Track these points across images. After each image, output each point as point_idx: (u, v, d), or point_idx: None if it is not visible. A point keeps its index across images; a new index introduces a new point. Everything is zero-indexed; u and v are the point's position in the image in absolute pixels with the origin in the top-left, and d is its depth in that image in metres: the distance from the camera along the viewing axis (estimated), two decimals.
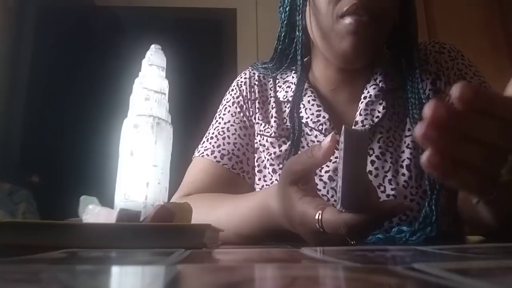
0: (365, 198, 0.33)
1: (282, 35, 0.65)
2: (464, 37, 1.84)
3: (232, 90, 0.71)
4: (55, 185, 1.84)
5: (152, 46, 0.48)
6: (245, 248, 0.38)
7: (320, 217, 0.35)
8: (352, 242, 0.36)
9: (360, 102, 0.61)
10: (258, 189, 0.65)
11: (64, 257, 0.25)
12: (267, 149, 0.64)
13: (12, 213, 1.48)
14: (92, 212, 0.39)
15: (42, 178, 1.92)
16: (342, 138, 0.34)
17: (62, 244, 0.31)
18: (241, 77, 0.72)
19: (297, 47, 0.60)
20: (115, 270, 0.20)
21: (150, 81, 0.46)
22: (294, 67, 0.66)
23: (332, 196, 0.57)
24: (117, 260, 0.25)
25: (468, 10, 1.98)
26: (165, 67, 0.48)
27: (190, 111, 1.78)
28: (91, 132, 1.90)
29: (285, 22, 0.64)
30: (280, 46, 0.66)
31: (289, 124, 0.62)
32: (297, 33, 0.60)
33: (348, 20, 0.53)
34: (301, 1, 0.59)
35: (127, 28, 2.17)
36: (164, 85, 0.47)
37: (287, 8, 0.63)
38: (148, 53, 0.48)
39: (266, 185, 0.63)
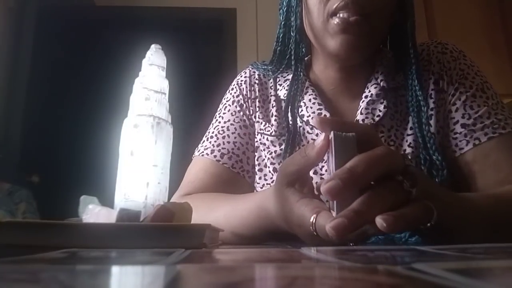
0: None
1: (281, 36, 0.65)
2: (464, 37, 1.84)
3: (232, 89, 0.72)
4: (55, 185, 1.84)
5: (152, 46, 0.48)
6: (245, 248, 0.38)
7: (314, 221, 0.35)
8: (351, 244, 0.36)
9: (361, 101, 0.61)
10: (259, 188, 0.65)
11: (64, 257, 0.25)
12: (268, 148, 0.64)
13: (12, 213, 1.48)
14: (92, 212, 0.39)
15: (42, 178, 1.92)
16: (332, 143, 0.34)
17: (62, 244, 0.31)
18: (241, 76, 0.72)
19: (291, 47, 0.61)
20: (115, 270, 0.20)
21: (150, 81, 0.46)
22: (298, 65, 0.66)
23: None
24: (117, 260, 0.25)
25: (468, 10, 1.98)
26: (165, 67, 0.48)
27: (190, 111, 1.78)
28: (91, 132, 1.91)
29: (282, 23, 0.64)
30: (279, 48, 0.66)
31: (289, 123, 0.62)
32: (291, 33, 0.61)
33: (337, 19, 0.54)
34: (295, 2, 0.60)
35: (127, 28, 2.17)
36: (164, 85, 0.47)
37: (285, 9, 0.63)
38: (148, 53, 0.48)
39: (267, 184, 0.63)
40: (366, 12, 0.53)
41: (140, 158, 0.43)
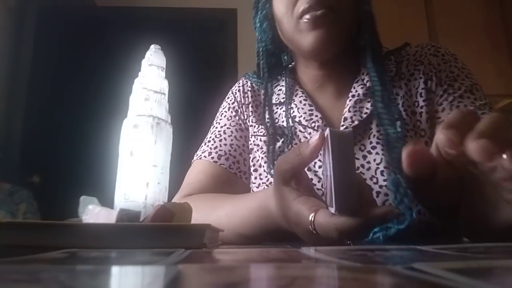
0: (358, 199, 0.33)
1: (260, 50, 0.69)
2: (465, 37, 1.84)
3: (228, 97, 0.76)
4: (56, 185, 1.84)
5: (152, 46, 0.48)
6: (245, 248, 0.38)
7: (313, 219, 0.35)
8: (348, 242, 0.36)
9: (348, 100, 0.63)
10: (255, 188, 0.66)
11: (64, 257, 0.25)
12: (261, 148, 0.66)
13: (12, 213, 1.48)
14: (92, 212, 0.39)
15: (42, 178, 1.92)
16: (327, 140, 0.34)
17: (62, 244, 0.31)
18: (235, 86, 0.76)
19: (264, 56, 0.67)
20: (115, 270, 0.20)
21: (150, 81, 0.46)
22: (283, 72, 0.70)
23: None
24: (117, 260, 0.25)
25: (468, 11, 1.98)
26: (164, 67, 0.48)
27: (190, 111, 1.78)
28: (91, 133, 1.91)
29: (259, 38, 0.68)
30: (261, 61, 0.69)
31: (281, 124, 0.66)
32: (262, 44, 0.66)
33: (306, 19, 0.57)
34: (261, 18, 0.66)
35: (127, 28, 2.17)
36: (164, 85, 0.48)
37: (258, 25, 0.68)
38: (148, 53, 0.48)
39: (262, 183, 0.65)
40: (330, 5, 0.56)
41: (140, 158, 0.43)
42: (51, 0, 2.10)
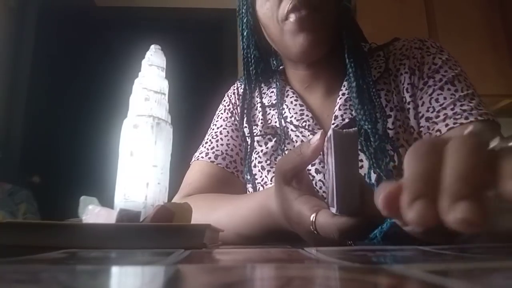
0: (360, 200, 0.33)
1: (249, 56, 0.69)
2: (465, 37, 1.84)
3: (224, 100, 0.77)
4: (56, 186, 1.84)
5: (152, 47, 0.48)
6: (245, 248, 0.38)
7: (314, 220, 0.35)
8: (350, 243, 0.36)
9: (339, 98, 0.63)
10: (249, 187, 0.66)
11: (64, 257, 0.25)
12: (255, 148, 0.67)
13: (13, 213, 1.48)
14: (92, 212, 0.39)
15: (43, 178, 1.92)
16: (330, 140, 0.33)
17: (62, 244, 0.31)
18: (230, 90, 0.78)
19: (251, 62, 0.67)
20: (115, 270, 0.20)
21: (150, 81, 0.46)
22: (273, 76, 0.71)
23: (321, 188, 0.58)
24: (117, 260, 0.25)
25: (468, 10, 1.97)
26: (164, 67, 0.48)
27: (190, 111, 1.78)
28: (91, 133, 1.91)
29: (245, 44, 0.68)
30: (251, 68, 0.69)
31: (273, 124, 0.66)
32: (247, 50, 0.67)
33: (291, 19, 0.56)
34: (244, 26, 0.66)
35: (127, 29, 2.17)
36: (164, 85, 0.48)
37: (245, 33, 0.68)
38: (148, 53, 0.48)
39: (257, 182, 0.65)
40: (314, 5, 0.56)
41: (140, 158, 0.43)
42: (51, 0, 2.10)
